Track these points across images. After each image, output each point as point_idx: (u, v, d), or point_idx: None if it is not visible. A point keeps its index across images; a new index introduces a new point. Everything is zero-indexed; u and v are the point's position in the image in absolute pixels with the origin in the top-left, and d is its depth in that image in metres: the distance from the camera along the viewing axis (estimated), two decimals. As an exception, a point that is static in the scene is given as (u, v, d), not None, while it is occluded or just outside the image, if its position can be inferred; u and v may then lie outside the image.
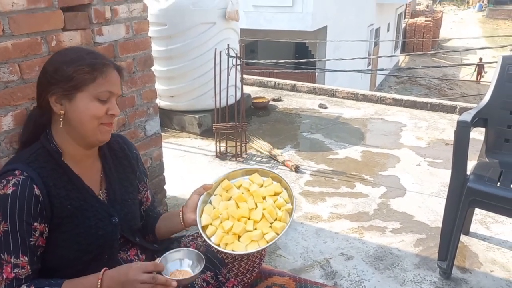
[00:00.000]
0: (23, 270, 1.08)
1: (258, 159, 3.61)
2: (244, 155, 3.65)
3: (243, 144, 3.67)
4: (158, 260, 1.15)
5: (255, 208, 1.27)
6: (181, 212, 1.34)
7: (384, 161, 3.53)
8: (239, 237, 1.23)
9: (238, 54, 3.53)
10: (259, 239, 1.22)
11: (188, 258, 1.22)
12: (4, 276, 1.06)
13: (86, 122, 1.14)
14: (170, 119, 4.21)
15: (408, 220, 2.69)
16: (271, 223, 1.24)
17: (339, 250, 2.40)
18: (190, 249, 1.25)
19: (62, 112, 1.15)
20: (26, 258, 1.08)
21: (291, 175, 3.29)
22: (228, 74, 3.53)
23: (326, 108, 4.86)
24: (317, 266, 2.28)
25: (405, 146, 3.82)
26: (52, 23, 1.61)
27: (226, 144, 3.72)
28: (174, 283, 1.07)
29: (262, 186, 1.33)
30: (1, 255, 1.06)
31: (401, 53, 19.48)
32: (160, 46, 3.87)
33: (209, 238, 1.23)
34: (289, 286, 1.42)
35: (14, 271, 1.06)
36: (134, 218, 1.32)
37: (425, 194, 3.00)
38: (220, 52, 3.49)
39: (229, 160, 3.59)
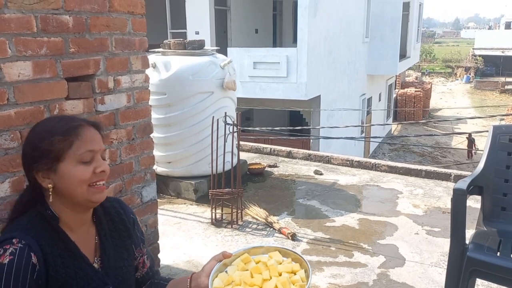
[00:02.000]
0: None
1: (254, 226, 3.56)
2: (240, 222, 3.61)
3: (239, 211, 3.63)
4: None
5: (269, 279, 1.25)
6: (189, 280, 1.30)
7: (382, 229, 3.49)
8: None
9: (235, 122, 3.61)
10: None
11: None
12: None
13: (76, 188, 1.13)
14: (166, 185, 4.20)
15: (409, 291, 2.61)
16: None
17: (339, 324, 2.30)
18: None
19: (51, 186, 1.15)
20: None
21: (288, 243, 3.23)
22: (225, 141, 3.58)
23: (321, 174, 4.88)
24: None
25: (402, 214, 3.80)
26: (56, 92, 1.66)
27: (222, 211, 3.68)
28: None
29: (281, 263, 1.31)
30: None
31: (393, 121, 19.97)
32: (159, 114, 3.96)
33: None
34: None
35: None
36: (129, 286, 1.28)
37: (425, 264, 2.93)
38: (218, 119, 3.58)
39: (225, 227, 3.54)
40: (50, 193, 1.15)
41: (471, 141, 15.06)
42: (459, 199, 1.96)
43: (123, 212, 1.35)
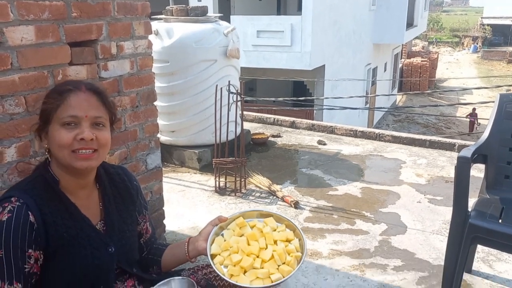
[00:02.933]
0: None
1: (258, 194, 3.60)
2: (243, 191, 3.64)
3: (242, 180, 3.66)
4: None
5: (265, 248, 1.27)
6: (186, 243, 1.33)
7: (384, 197, 3.52)
8: (245, 271, 1.23)
9: (239, 91, 3.59)
10: (265, 277, 1.21)
11: None
12: None
13: (57, 152, 1.15)
14: (170, 154, 4.23)
15: (410, 257, 2.65)
16: (278, 265, 1.23)
17: (340, 288, 2.35)
18: (182, 277, 1.23)
19: (46, 147, 1.19)
20: (20, 285, 1.07)
21: (291, 211, 3.27)
22: (229, 110, 3.57)
23: (325, 144, 4.89)
24: (318, 304, 2.23)
25: (405, 183, 3.82)
26: (59, 57, 1.65)
27: (226, 179, 3.71)
28: None
29: (275, 230, 1.34)
30: None
31: (398, 92, 19.80)
32: (162, 82, 3.93)
33: (215, 265, 1.22)
34: (291, 323, 1.38)
35: None
36: (132, 249, 1.31)
37: (427, 231, 2.97)
38: (221, 88, 3.55)
39: (228, 195, 3.58)
40: (47, 153, 1.19)
41: (475, 116, 14.93)
42: (463, 166, 1.96)
43: (127, 179, 1.37)
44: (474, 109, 15.32)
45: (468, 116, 15.50)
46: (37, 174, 1.19)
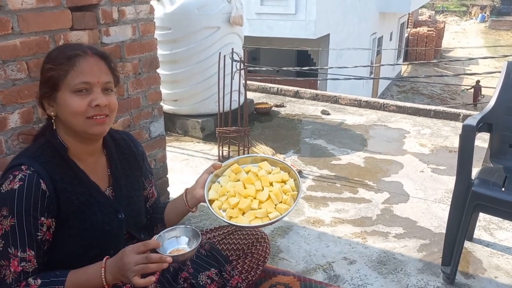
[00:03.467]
0: (29, 264, 1.08)
1: (261, 163, 3.61)
2: (247, 160, 3.65)
3: (245, 149, 3.67)
4: (154, 238, 1.13)
5: (262, 190, 1.30)
6: (184, 194, 1.35)
7: (387, 167, 3.53)
8: (244, 213, 1.26)
9: (242, 59, 3.55)
10: (263, 216, 1.24)
11: (185, 236, 1.21)
12: (12, 270, 1.06)
13: (72, 119, 1.13)
14: (173, 123, 4.22)
15: (412, 225, 2.68)
16: (276, 205, 1.27)
17: (342, 254, 2.39)
18: (186, 226, 1.24)
19: (53, 114, 1.16)
20: (33, 252, 1.08)
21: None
22: (232, 79, 3.54)
23: (328, 114, 4.86)
24: (320, 269, 2.26)
25: (409, 152, 3.82)
26: (60, 22, 1.63)
27: (229, 149, 3.72)
28: (169, 259, 1.06)
29: (270, 173, 1.35)
30: (9, 249, 1.06)
31: (403, 62, 19.54)
32: (164, 50, 3.89)
33: (213, 209, 1.25)
34: (294, 285, 1.42)
35: (21, 264, 1.07)
36: (140, 214, 1.33)
37: (429, 200, 2.99)
38: (224, 56, 3.51)
39: (232, 164, 3.59)
40: (53, 121, 1.17)
41: (477, 89, 14.69)
42: (468, 135, 1.95)
43: (133, 145, 1.37)
44: (478, 82, 15.03)
45: (465, 90, 15.18)
46: (45, 141, 1.17)
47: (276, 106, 5.10)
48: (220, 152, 3.65)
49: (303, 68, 8.75)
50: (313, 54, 11.30)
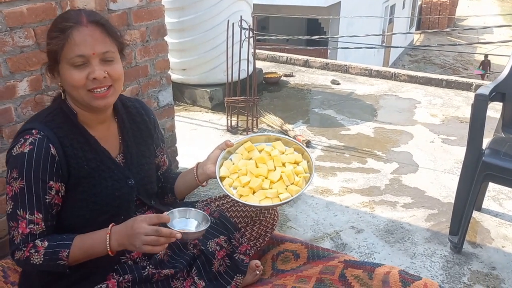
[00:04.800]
0: (37, 226, 1.10)
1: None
2: (255, 130, 3.65)
3: (254, 119, 3.66)
4: (165, 213, 1.15)
5: (274, 170, 1.29)
6: (195, 168, 1.35)
7: (397, 137, 3.50)
8: (254, 192, 1.25)
9: (251, 26, 3.48)
10: (274, 197, 1.24)
11: (194, 219, 1.22)
12: (20, 231, 1.09)
13: (73, 92, 1.13)
14: (182, 93, 4.21)
15: (420, 195, 2.68)
16: (287, 186, 1.26)
17: (350, 223, 2.41)
18: (198, 210, 1.25)
19: (60, 84, 1.16)
20: (41, 215, 1.10)
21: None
22: (241, 47, 3.49)
23: (338, 84, 4.81)
24: (327, 238, 2.29)
25: (419, 123, 3.78)
26: (66, -12, 1.60)
27: (238, 118, 3.71)
28: (179, 235, 1.08)
29: (283, 153, 1.34)
30: (17, 211, 1.09)
31: (415, 31, 19.09)
32: (172, 17, 3.83)
33: (224, 186, 1.25)
34: (301, 252, 1.43)
35: (29, 226, 1.09)
36: (151, 182, 1.33)
37: (438, 170, 2.98)
38: (233, 24, 3.45)
39: (240, 134, 3.59)
40: (61, 91, 1.17)
41: (486, 64, 14.14)
42: (480, 104, 1.92)
43: (144, 112, 1.36)
44: (486, 56, 13.95)
45: (480, 67, 14.38)
46: (56, 107, 1.18)
47: (285, 75, 5.05)
48: (229, 122, 3.65)
49: (313, 36, 8.60)
50: (323, 23, 11.07)
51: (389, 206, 2.56)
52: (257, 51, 4.20)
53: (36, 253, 1.08)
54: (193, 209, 1.25)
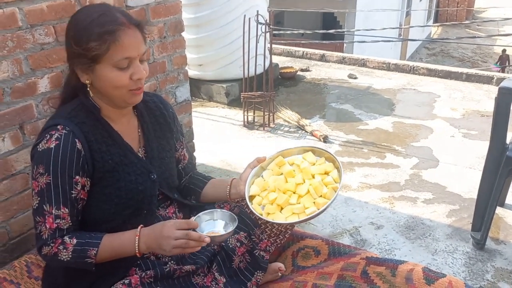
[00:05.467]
0: (63, 221, 1.11)
1: (286, 128, 3.59)
2: (271, 125, 3.63)
3: (271, 114, 3.64)
4: (192, 219, 1.16)
5: (302, 184, 1.26)
6: (229, 186, 1.34)
7: (416, 132, 3.45)
8: (282, 208, 1.23)
9: (267, 21, 3.46)
10: (300, 212, 1.21)
11: (221, 219, 1.23)
12: (47, 226, 1.10)
13: (112, 92, 1.13)
14: (198, 88, 4.21)
15: (441, 191, 2.64)
16: (315, 199, 1.22)
17: (369, 219, 2.38)
18: (224, 210, 1.26)
19: (88, 82, 1.15)
20: (67, 210, 1.11)
21: (319, 146, 3.25)
22: (257, 42, 3.47)
23: (355, 78, 4.75)
24: (346, 234, 2.27)
25: (439, 117, 3.72)
26: (85, -16, 1.60)
27: (254, 114, 3.70)
28: (207, 239, 1.08)
29: (314, 164, 1.31)
30: (44, 206, 1.09)
31: (433, 23, 18.75)
32: (188, 13, 3.83)
33: (251, 205, 1.23)
34: (322, 248, 1.42)
35: (56, 221, 1.10)
36: (172, 175, 1.33)
37: (459, 165, 2.92)
38: (249, 19, 3.43)
39: (257, 129, 3.58)
40: (88, 88, 1.16)
41: (504, 59, 13.65)
42: (504, 97, 1.87)
43: (163, 106, 1.36)
44: (504, 51, 13.57)
45: (498, 63, 13.86)
46: (78, 102, 1.18)
47: (302, 70, 5.01)
48: (245, 117, 3.64)
49: (329, 30, 8.51)
50: (339, 17, 10.95)
51: (409, 202, 2.53)
52: (272, 45, 4.17)
53: (65, 250, 1.09)
54: (219, 210, 1.25)
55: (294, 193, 1.25)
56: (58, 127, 1.11)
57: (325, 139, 3.32)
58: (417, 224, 2.33)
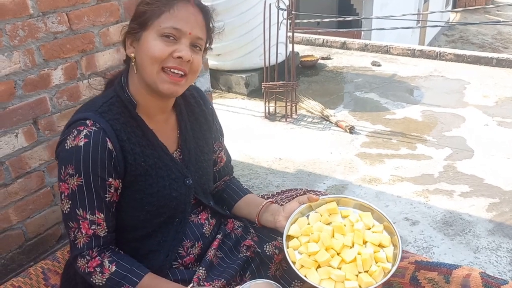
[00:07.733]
0: (99, 227, 1.00)
1: (309, 119, 3.44)
2: (294, 116, 3.50)
3: (293, 104, 3.50)
4: None
5: (351, 248, 1.08)
6: (261, 207, 1.20)
7: (448, 120, 3.27)
8: (319, 267, 1.05)
9: (289, 6, 3.30)
10: (338, 281, 1.02)
11: None
12: (83, 232, 0.99)
13: (147, 64, 0.99)
14: (216, 79, 4.09)
15: (478, 183, 2.47)
16: (359, 272, 1.04)
17: (403, 215, 2.24)
18: (272, 282, 1.03)
19: (133, 55, 1.03)
20: (102, 215, 1.00)
21: (346, 137, 3.11)
22: (278, 29, 3.32)
23: (379, 65, 4.56)
24: (380, 231, 2.13)
25: (470, 104, 3.52)
26: (99, -33, 1.48)
27: (275, 104, 3.57)
28: None
29: (369, 229, 1.13)
30: (77, 210, 0.98)
31: (452, 9, 18.23)
32: (205, 1, 3.68)
33: (287, 249, 1.07)
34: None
35: (91, 228, 0.99)
36: (208, 180, 1.19)
37: (496, 156, 2.75)
38: (270, 5, 3.28)
39: (279, 121, 3.45)
40: (133, 63, 1.04)
41: None
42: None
43: (203, 102, 1.22)
44: None
45: None
46: (112, 94, 1.05)
47: (323, 58, 4.84)
48: (267, 108, 3.51)
49: (347, 17, 8.28)
50: (356, 4, 10.67)
51: (445, 196, 2.37)
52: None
53: (100, 274, 0.99)
54: (266, 280, 1.04)
55: (338, 254, 1.07)
56: (87, 122, 0.98)
57: (351, 130, 3.17)
58: (455, 220, 2.18)
